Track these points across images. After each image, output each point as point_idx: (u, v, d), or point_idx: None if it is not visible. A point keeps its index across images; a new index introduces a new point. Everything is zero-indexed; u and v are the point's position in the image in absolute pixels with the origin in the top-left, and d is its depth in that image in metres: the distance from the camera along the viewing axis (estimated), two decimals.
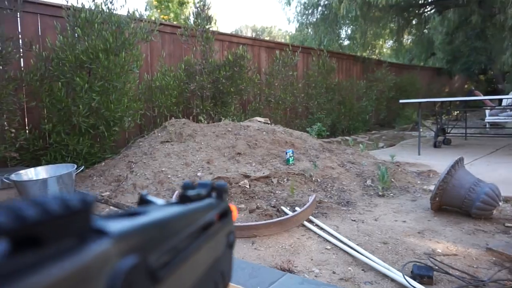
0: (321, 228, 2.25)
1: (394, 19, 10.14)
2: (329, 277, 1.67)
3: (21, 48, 3.40)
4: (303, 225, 2.31)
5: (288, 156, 3.31)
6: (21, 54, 3.42)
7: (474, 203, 2.32)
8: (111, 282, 0.16)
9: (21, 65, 3.52)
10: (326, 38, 10.30)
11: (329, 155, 3.67)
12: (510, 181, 3.26)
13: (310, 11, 10.77)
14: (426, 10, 11.10)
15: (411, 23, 11.36)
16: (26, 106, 3.53)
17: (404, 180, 3.36)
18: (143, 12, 4.17)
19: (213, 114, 4.93)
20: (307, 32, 11.33)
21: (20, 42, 3.43)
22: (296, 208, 2.52)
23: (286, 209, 2.53)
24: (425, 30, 12.14)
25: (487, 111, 7.57)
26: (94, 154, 3.60)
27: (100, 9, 3.61)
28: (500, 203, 2.34)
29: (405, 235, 2.15)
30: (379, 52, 12.91)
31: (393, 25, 10.66)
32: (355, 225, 2.34)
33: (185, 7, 14.90)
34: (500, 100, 7.95)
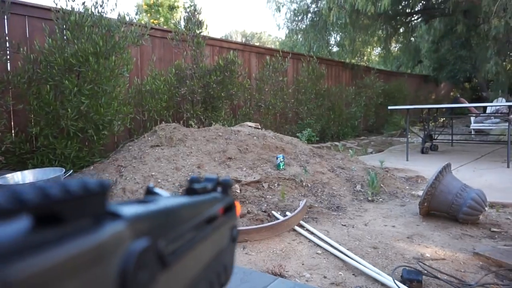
0: (312, 233, 2.26)
1: (382, 27, 10.32)
2: (320, 282, 1.67)
3: (8, 50, 3.35)
4: (294, 230, 2.32)
5: (279, 161, 3.32)
6: (8, 57, 3.36)
7: (461, 208, 2.36)
8: (125, 261, 0.17)
9: (8, 68, 3.46)
10: (316, 45, 10.40)
11: (319, 160, 3.70)
12: (495, 187, 3.33)
13: (300, 18, 10.88)
14: (413, 19, 11.33)
15: (399, 31, 11.58)
16: (13, 109, 3.47)
17: (393, 186, 3.40)
18: (133, 16, 4.15)
19: (204, 119, 4.92)
20: (297, 39, 11.42)
21: (7, 44, 3.38)
22: (287, 213, 2.53)
23: (277, 214, 2.53)
24: (412, 38, 12.39)
25: (472, 118, 7.73)
26: (83, 158, 3.55)
27: (90, 12, 3.58)
28: (486, 208, 2.39)
29: (395, 240, 2.18)
30: (368, 59, 13.10)
31: (381, 33, 10.84)
32: (346, 230, 2.36)
33: (175, 12, 14.91)
34: (485, 108, 8.14)
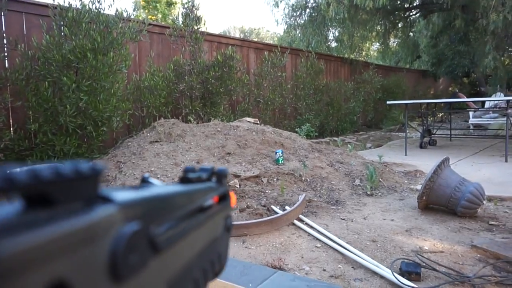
0: (311, 227, 2.27)
1: (381, 22, 10.29)
2: (320, 275, 1.69)
3: (5, 47, 3.34)
4: (293, 224, 2.33)
5: (278, 156, 3.33)
6: (6, 54, 3.35)
7: (460, 202, 2.38)
8: (115, 244, 0.17)
9: (6, 65, 3.45)
10: (314, 40, 10.37)
11: (318, 155, 3.71)
12: (493, 181, 3.35)
13: (298, 13, 10.84)
14: (412, 14, 11.31)
15: (397, 26, 11.56)
16: (11, 106, 3.46)
17: (392, 180, 3.41)
18: (131, 12, 4.14)
19: (202, 115, 4.92)
20: (295, 34, 11.39)
21: (5, 41, 3.36)
22: (286, 207, 2.54)
23: (276, 208, 2.55)
24: (411, 33, 12.36)
25: (471, 113, 7.75)
26: (82, 154, 3.56)
27: (88, 9, 3.56)
28: (484, 202, 2.41)
29: (393, 233, 2.19)
30: (366, 54, 13.10)
31: (380, 28, 10.81)
32: (345, 224, 2.37)
33: (173, 8, 14.83)
34: (483, 102, 8.15)
